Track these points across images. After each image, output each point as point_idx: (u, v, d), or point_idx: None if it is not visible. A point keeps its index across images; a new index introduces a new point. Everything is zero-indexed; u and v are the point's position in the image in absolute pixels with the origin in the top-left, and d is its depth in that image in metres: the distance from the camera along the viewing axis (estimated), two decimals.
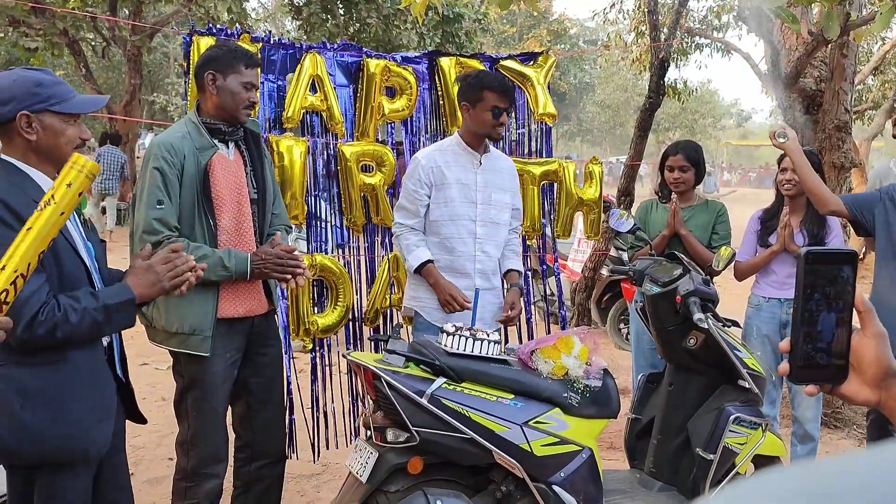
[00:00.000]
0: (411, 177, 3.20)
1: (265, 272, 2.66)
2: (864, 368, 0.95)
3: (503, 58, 3.84)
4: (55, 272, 1.94)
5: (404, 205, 3.22)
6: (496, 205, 3.25)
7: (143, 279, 2.01)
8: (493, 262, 3.28)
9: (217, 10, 12.98)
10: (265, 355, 2.88)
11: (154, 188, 2.54)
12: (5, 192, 1.89)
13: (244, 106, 2.69)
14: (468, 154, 3.21)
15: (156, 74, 28.78)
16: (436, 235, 3.20)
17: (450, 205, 3.17)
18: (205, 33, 3.22)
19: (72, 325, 1.88)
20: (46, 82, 1.99)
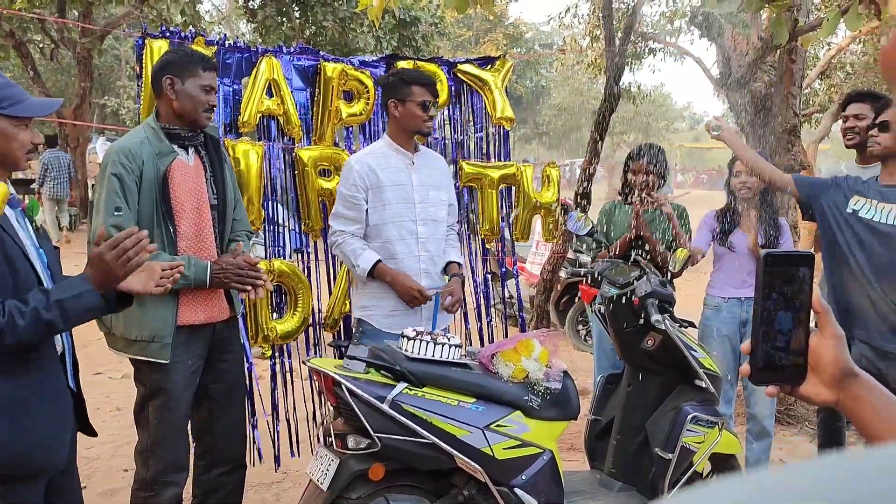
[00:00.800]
0: (346, 182, 3.14)
1: (225, 282, 2.64)
2: (822, 369, 0.96)
3: (461, 62, 3.85)
4: (7, 279, 1.88)
5: (342, 212, 3.16)
6: (434, 202, 3.23)
7: (96, 268, 1.94)
8: (435, 260, 3.26)
9: (170, 12, 12.77)
10: (226, 361, 2.85)
11: (112, 195, 2.50)
12: None
13: (204, 109, 2.67)
14: (400, 154, 3.19)
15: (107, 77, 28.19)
16: (376, 240, 3.16)
17: (388, 207, 3.13)
18: (158, 36, 3.16)
19: (20, 327, 1.81)
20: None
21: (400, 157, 3.19)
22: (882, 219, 3.09)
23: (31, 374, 1.94)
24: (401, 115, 3.12)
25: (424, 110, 3.10)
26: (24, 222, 2.02)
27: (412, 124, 3.13)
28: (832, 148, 29.91)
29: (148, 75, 3.10)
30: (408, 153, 3.20)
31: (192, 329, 2.68)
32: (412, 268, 3.16)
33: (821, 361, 0.96)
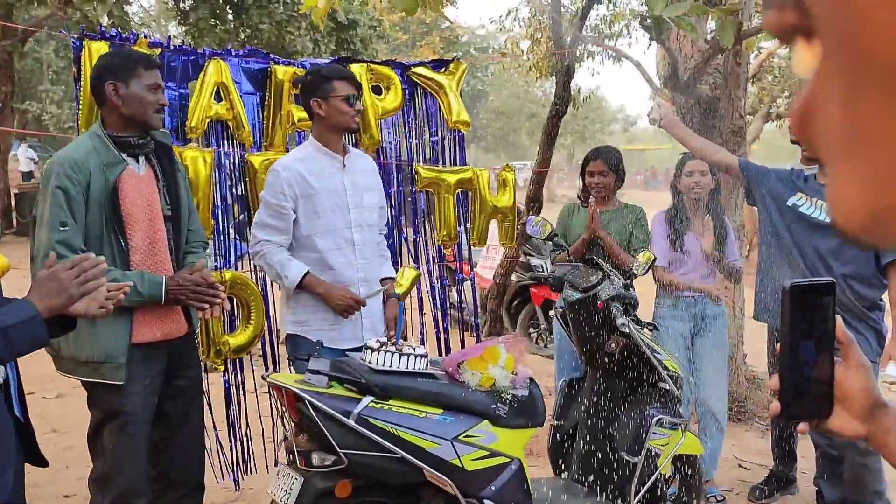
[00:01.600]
0: (272, 190, 2.92)
1: (181, 299, 2.51)
2: (850, 401, 0.93)
3: (414, 64, 3.78)
4: None
5: (267, 221, 2.94)
6: (368, 207, 3.08)
7: (46, 288, 1.79)
8: (372, 266, 3.11)
9: (97, 13, 12.32)
10: (184, 378, 2.73)
11: (56, 209, 2.35)
12: None
13: (154, 110, 2.53)
14: (330, 157, 3.01)
15: (27, 81, 27.11)
16: (311, 251, 2.97)
17: (322, 216, 2.96)
18: (97, 38, 3.00)
19: None
20: None
21: (330, 160, 3.00)
22: (821, 215, 3.24)
23: None
24: (326, 114, 2.93)
25: (350, 105, 2.94)
26: None
27: (340, 121, 2.95)
28: (761, 149, 30.97)
29: (87, 78, 2.93)
30: (337, 155, 3.02)
31: (147, 347, 2.54)
32: (350, 277, 3.00)
33: (848, 393, 0.93)
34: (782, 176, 3.40)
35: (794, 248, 3.29)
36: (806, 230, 3.26)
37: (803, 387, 0.92)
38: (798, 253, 3.28)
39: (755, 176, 3.45)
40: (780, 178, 3.39)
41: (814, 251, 3.25)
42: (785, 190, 3.34)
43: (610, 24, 9.31)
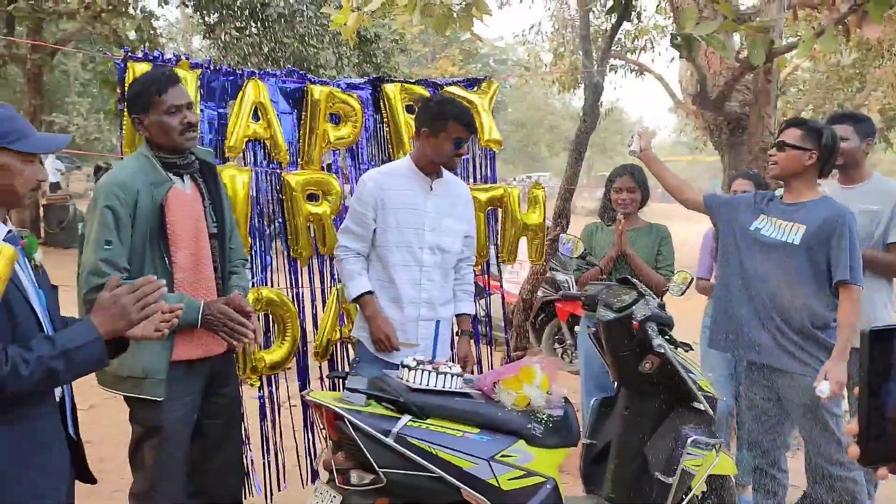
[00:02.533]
0: (358, 198, 3.08)
1: (213, 328, 2.54)
2: None
3: (447, 83, 3.81)
4: (6, 324, 1.76)
5: (350, 227, 3.09)
6: (447, 232, 3.13)
7: (108, 312, 1.82)
8: (440, 291, 3.16)
9: (125, 28, 12.52)
10: (223, 396, 2.76)
11: (104, 228, 2.40)
12: None
13: (179, 132, 2.53)
14: (420, 179, 3.10)
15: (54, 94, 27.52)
16: (380, 262, 3.09)
17: (395, 230, 3.04)
18: (140, 59, 3.05)
19: (23, 378, 1.69)
20: (4, 117, 1.82)
21: (419, 181, 3.10)
22: (780, 236, 3.15)
23: (26, 423, 1.82)
24: (430, 146, 3.03)
25: (456, 146, 3.02)
26: (23, 262, 1.90)
27: (439, 157, 3.05)
28: None
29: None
30: (428, 178, 3.11)
31: (187, 364, 2.57)
32: (412, 296, 3.08)
33: None
34: (747, 203, 3.34)
35: (752, 272, 3.20)
36: (765, 252, 3.16)
37: (883, 430, 0.92)
38: (755, 277, 3.18)
39: (720, 210, 3.41)
40: (745, 205, 3.33)
41: (772, 273, 3.15)
42: (747, 216, 3.27)
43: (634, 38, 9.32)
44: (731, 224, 3.31)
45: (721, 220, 3.39)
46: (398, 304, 3.08)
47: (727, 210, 3.35)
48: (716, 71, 4.96)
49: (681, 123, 18.12)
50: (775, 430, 3.34)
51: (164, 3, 14.43)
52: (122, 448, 4.10)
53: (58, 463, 1.92)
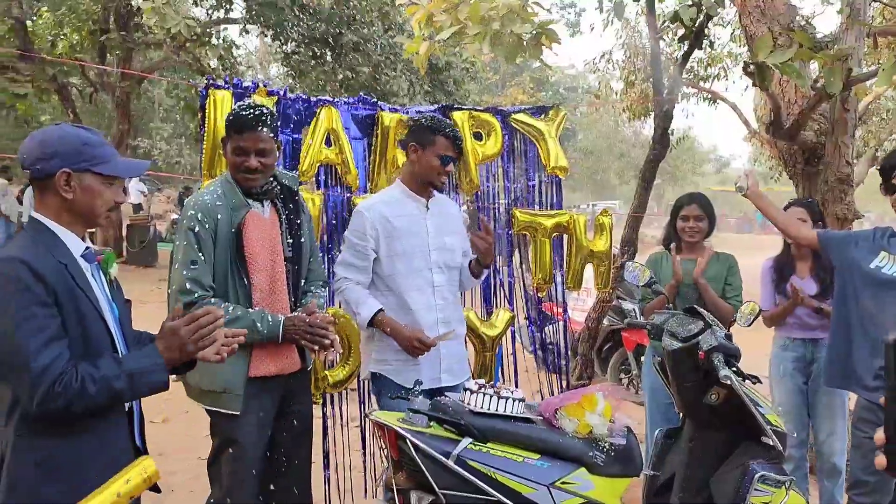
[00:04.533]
0: (356, 231, 3.01)
1: (296, 338, 2.64)
2: None
3: (514, 111, 3.86)
4: (79, 338, 1.87)
5: (350, 261, 3.03)
6: (450, 249, 3.13)
7: (168, 341, 1.93)
8: (453, 308, 3.15)
9: (207, 57, 13.06)
10: (296, 412, 2.84)
11: (189, 249, 2.55)
12: (32, 256, 1.83)
13: (239, 171, 2.65)
14: (414, 200, 3.08)
15: (140, 119, 28.78)
16: (391, 291, 3.04)
17: (402, 257, 3.02)
18: (221, 87, 3.20)
19: (89, 395, 1.80)
20: (92, 142, 1.95)
21: (414, 203, 3.08)
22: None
23: (94, 434, 1.92)
24: (418, 161, 3.00)
25: (443, 163, 2.99)
26: (98, 276, 2.01)
27: (427, 175, 3.02)
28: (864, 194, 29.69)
29: (211, 124, 3.14)
30: (421, 199, 3.09)
31: (263, 381, 2.67)
32: (428, 319, 3.04)
33: None
34: (865, 239, 3.26)
35: (872, 312, 3.11)
36: (885, 291, 3.08)
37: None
38: (875, 317, 3.09)
39: (836, 246, 3.33)
40: (864, 242, 3.24)
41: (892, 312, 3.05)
42: (866, 253, 3.18)
43: (707, 66, 9.20)
44: (849, 262, 3.23)
45: (837, 258, 3.31)
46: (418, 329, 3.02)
47: (844, 247, 3.28)
48: (790, 99, 4.86)
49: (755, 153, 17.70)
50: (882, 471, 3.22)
51: (244, 32, 15.01)
52: (191, 462, 4.24)
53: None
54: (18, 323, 1.76)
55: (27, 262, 1.79)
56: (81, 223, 1.97)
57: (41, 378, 1.75)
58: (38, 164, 1.90)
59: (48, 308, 1.80)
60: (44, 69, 13.29)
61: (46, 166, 1.89)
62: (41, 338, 1.77)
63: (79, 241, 1.96)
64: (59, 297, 1.82)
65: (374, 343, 3.07)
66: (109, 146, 2.03)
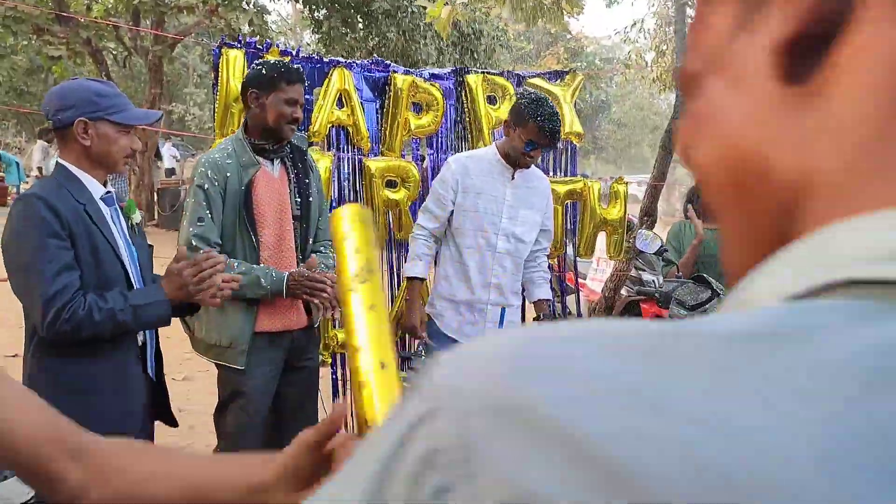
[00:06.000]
0: (441, 180, 3.13)
1: (298, 293, 2.68)
2: None
3: (530, 75, 3.82)
4: (93, 273, 2.02)
5: (430, 207, 3.15)
6: (523, 221, 3.16)
7: (172, 282, 2.11)
8: (511, 279, 3.17)
9: (239, 21, 13.09)
10: (302, 368, 2.90)
11: (196, 206, 2.59)
12: (56, 197, 1.99)
13: (286, 122, 2.68)
14: (502, 167, 3.12)
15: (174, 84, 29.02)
16: (454, 244, 3.14)
17: (472, 214, 3.09)
18: (234, 45, 3.22)
19: (95, 323, 1.97)
20: (105, 92, 2.09)
21: (501, 168, 3.12)
22: None
23: (107, 360, 2.09)
24: (512, 141, 3.04)
25: (527, 146, 3.01)
26: (118, 219, 2.17)
27: (513, 152, 3.06)
28: None
29: (224, 83, 3.16)
30: (509, 167, 3.12)
31: (269, 336, 2.73)
32: (480, 280, 3.11)
33: None
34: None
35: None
36: None
37: None
38: None
39: None
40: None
41: None
42: None
43: None
44: None
45: None
46: (468, 285, 3.13)
47: None
48: None
49: None
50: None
51: None
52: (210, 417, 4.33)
53: (132, 395, 2.17)
54: (34, 252, 1.93)
55: (44, 198, 1.96)
56: (101, 168, 2.13)
57: (51, 303, 1.92)
58: (59, 114, 2.06)
59: (62, 240, 1.97)
60: (78, 32, 13.45)
61: (65, 116, 2.05)
62: (53, 266, 1.94)
63: (99, 186, 2.13)
64: (73, 231, 1.99)
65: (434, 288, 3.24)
66: (123, 97, 2.16)
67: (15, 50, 13.09)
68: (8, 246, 2.01)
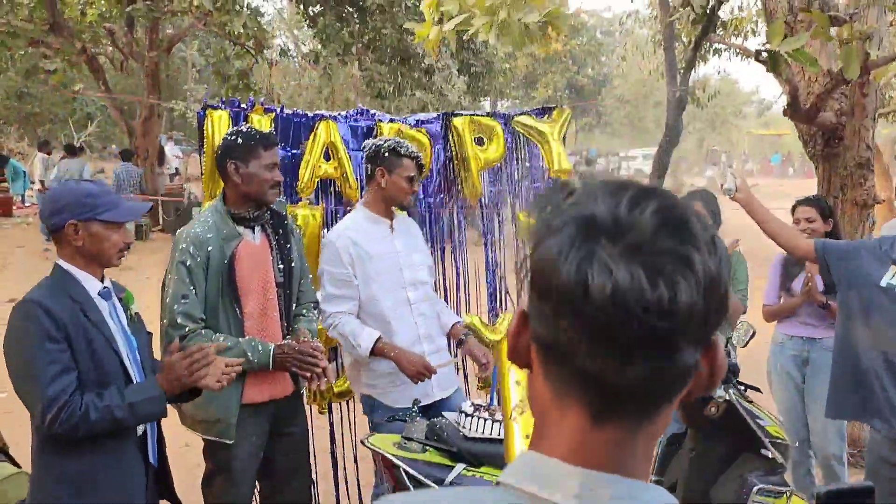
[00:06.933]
0: (331, 260, 3.06)
1: (286, 366, 2.70)
2: None
3: (517, 114, 3.81)
4: (91, 370, 2.09)
5: (333, 293, 3.06)
6: (418, 265, 3.22)
7: (167, 375, 2.18)
8: (431, 322, 3.21)
9: (233, 25, 13.02)
10: (290, 434, 2.92)
11: (179, 283, 2.60)
12: (53, 301, 2.06)
13: (270, 186, 2.72)
14: (380, 223, 3.15)
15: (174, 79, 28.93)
16: (369, 315, 3.09)
17: (377, 279, 3.07)
18: (218, 107, 3.23)
19: (92, 422, 2.04)
20: (95, 193, 2.16)
21: (379, 226, 3.15)
22: None
23: (104, 453, 2.15)
24: (387, 186, 3.07)
25: (410, 184, 3.08)
26: (115, 313, 2.23)
27: (397, 196, 3.09)
28: None
29: (210, 143, 3.17)
30: (385, 220, 3.16)
31: (255, 407, 2.75)
32: (410, 335, 3.10)
33: None
34: (871, 250, 2.85)
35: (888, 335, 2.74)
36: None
37: None
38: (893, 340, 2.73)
39: (837, 259, 2.90)
40: (869, 255, 2.83)
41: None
42: (874, 268, 2.79)
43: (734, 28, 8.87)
44: (854, 278, 2.85)
45: (838, 272, 2.90)
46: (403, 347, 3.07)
47: (847, 260, 2.88)
48: (810, 77, 4.70)
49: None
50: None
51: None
52: None
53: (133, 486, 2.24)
54: (33, 356, 2.02)
55: (41, 303, 2.04)
56: (96, 265, 2.20)
57: (51, 405, 1.99)
58: (52, 218, 2.14)
59: (59, 344, 2.04)
60: (73, 43, 13.42)
61: (58, 220, 2.13)
62: (52, 370, 2.01)
63: (95, 282, 2.19)
64: (70, 334, 2.06)
65: (362, 367, 3.14)
66: (113, 195, 2.22)
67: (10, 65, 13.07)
68: (8, 351, 2.10)
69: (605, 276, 0.63)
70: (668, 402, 0.71)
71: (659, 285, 0.62)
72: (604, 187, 0.68)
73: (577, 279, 0.63)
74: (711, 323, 0.67)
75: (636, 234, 0.64)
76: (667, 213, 0.66)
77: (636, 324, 0.62)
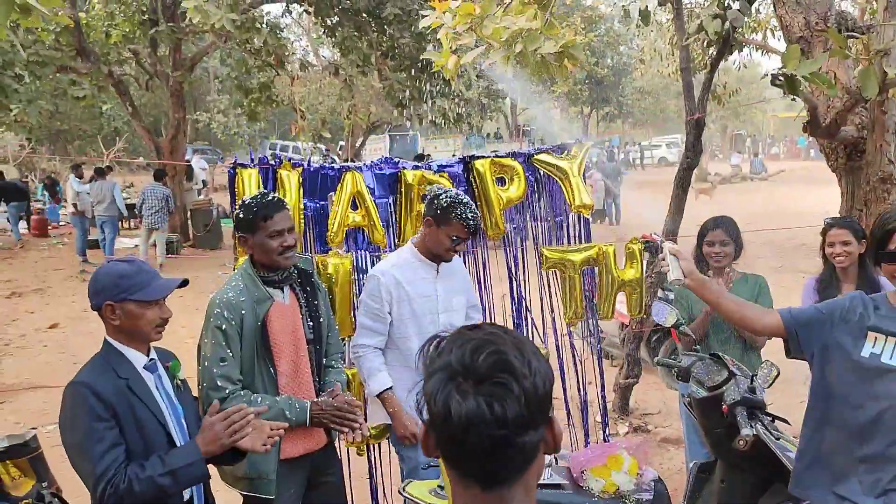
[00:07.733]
0: (372, 294, 3.19)
1: (323, 422, 2.80)
2: None
3: (537, 152, 3.89)
4: (138, 442, 2.22)
5: (367, 324, 3.22)
6: (456, 309, 3.33)
7: (205, 437, 2.26)
8: None
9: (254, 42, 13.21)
10: (326, 483, 3.03)
11: (216, 346, 2.71)
12: (99, 382, 2.21)
13: (278, 254, 2.79)
14: (426, 265, 3.25)
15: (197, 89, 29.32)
16: (399, 351, 3.23)
17: (413, 319, 3.19)
18: (247, 165, 3.34)
19: (136, 493, 2.14)
20: (127, 273, 2.27)
21: (426, 267, 3.25)
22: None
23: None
24: (430, 235, 3.18)
25: (453, 243, 3.16)
26: (161, 384, 2.36)
27: (436, 249, 3.19)
28: None
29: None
30: (433, 263, 3.26)
31: (292, 461, 2.86)
32: None
33: None
34: (842, 317, 2.50)
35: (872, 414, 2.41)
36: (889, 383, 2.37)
37: None
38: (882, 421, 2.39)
39: (808, 328, 2.56)
40: (841, 321, 2.49)
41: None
42: (850, 339, 2.46)
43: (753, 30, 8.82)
44: (829, 350, 2.51)
45: (808, 343, 2.55)
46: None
47: (818, 332, 2.53)
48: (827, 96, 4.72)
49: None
50: None
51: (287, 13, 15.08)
52: None
53: None
54: (84, 435, 2.15)
55: (89, 385, 2.18)
56: (136, 341, 2.32)
57: (100, 480, 2.13)
58: (93, 299, 2.28)
59: (107, 422, 2.18)
60: (100, 67, 13.70)
61: (97, 301, 2.27)
62: (101, 447, 2.14)
63: (140, 356, 2.32)
64: (117, 412, 2.19)
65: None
66: (146, 273, 2.32)
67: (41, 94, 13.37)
68: (63, 429, 2.24)
69: (459, 406, 1.02)
70: (531, 464, 1.08)
71: (494, 408, 1.01)
72: (456, 339, 1.08)
73: (444, 409, 1.03)
74: (537, 418, 1.05)
75: (478, 374, 1.03)
76: (497, 356, 1.04)
77: (485, 434, 1.02)
